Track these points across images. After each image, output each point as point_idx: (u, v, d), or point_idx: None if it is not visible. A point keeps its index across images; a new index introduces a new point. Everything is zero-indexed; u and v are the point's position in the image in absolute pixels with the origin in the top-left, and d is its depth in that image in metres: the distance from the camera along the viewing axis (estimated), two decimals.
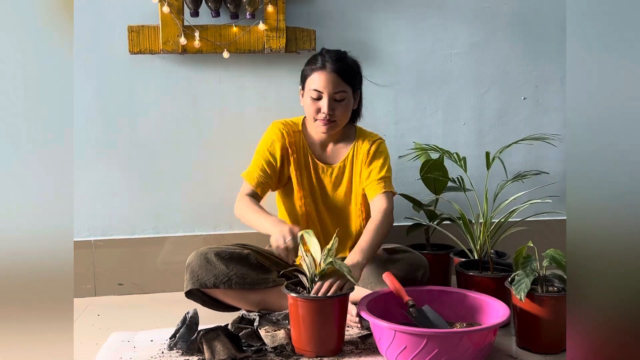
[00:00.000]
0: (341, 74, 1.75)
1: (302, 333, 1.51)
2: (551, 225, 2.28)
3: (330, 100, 1.75)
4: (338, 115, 1.78)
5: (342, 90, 1.76)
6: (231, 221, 2.20)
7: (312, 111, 1.78)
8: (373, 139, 1.89)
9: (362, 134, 1.91)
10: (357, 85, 1.84)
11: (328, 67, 1.75)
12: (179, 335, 1.56)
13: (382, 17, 2.19)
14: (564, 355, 1.54)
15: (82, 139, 2.09)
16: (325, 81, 1.74)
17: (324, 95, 1.75)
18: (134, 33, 2.04)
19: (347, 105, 1.79)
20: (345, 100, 1.78)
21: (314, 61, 1.78)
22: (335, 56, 1.77)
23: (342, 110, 1.78)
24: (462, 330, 1.45)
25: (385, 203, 1.79)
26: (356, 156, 1.88)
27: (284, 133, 1.86)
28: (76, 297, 2.10)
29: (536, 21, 2.27)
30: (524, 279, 1.52)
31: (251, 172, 1.86)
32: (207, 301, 1.80)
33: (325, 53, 1.79)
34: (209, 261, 1.76)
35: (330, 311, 1.51)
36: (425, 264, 1.75)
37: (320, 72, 1.75)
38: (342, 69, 1.75)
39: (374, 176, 1.83)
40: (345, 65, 1.77)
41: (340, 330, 1.54)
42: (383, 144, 1.90)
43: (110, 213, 2.15)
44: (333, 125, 1.79)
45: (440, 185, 2.06)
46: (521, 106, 2.31)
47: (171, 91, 2.13)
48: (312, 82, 1.77)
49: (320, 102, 1.76)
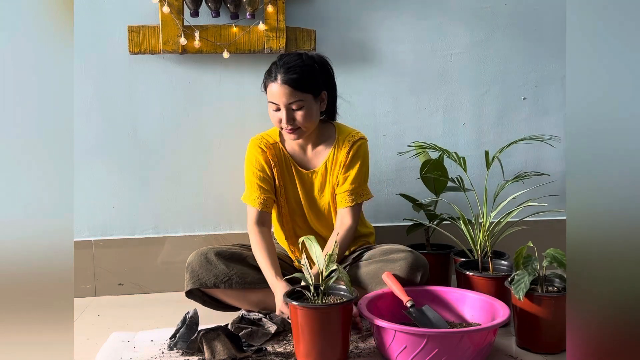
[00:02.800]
0: (293, 84, 1.68)
1: (305, 343, 1.47)
2: (551, 225, 2.28)
3: (288, 110, 1.70)
4: (301, 122, 1.72)
5: (297, 99, 1.69)
6: (231, 221, 2.20)
7: (276, 121, 1.74)
8: (353, 140, 1.82)
9: (342, 133, 1.84)
10: (319, 89, 1.75)
11: (279, 78, 1.68)
12: (179, 335, 1.56)
13: (382, 17, 2.19)
14: (564, 355, 1.54)
15: (82, 139, 2.09)
16: (278, 94, 1.69)
17: (280, 106, 1.70)
18: (134, 33, 2.04)
19: (307, 111, 1.71)
20: (304, 107, 1.71)
21: (269, 71, 1.73)
22: (286, 65, 1.69)
23: (303, 117, 1.71)
24: (462, 330, 1.45)
25: (349, 219, 1.79)
26: (335, 159, 1.82)
27: (263, 148, 1.83)
28: (76, 297, 2.10)
29: (536, 21, 2.27)
30: (523, 278, 1.52)
31: (250, 194, 1.83)
32: (208, 301, 1.80)
33: (279, 61, 1.72)
34: (209, 261, 1.76)
35: (333, 320, 1.46)
36: (425, 264, 1.75)
37: (272, 83, 1.70)
38: (293, 79, 1.68)
39: (346, 186, 1.80)
40: (297, 74, 1.68)
41: (344, 340, 1.50)
42: (364, 145, 1.83)
43: (110, 213, 2.15)
44: (299, 132, 1.75)
45: (440, 185, 2.06)
46: (521, 106, 2.31)
47: (171, 91, 2.13)
48: (269, 94, 1.72)
49: (279, 113, 1.71)
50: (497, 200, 1.87)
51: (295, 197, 1.87)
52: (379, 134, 2.23)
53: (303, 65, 1.71)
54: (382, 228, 2.24)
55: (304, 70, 1.71)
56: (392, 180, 2.27)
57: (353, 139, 1.82)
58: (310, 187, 1.86)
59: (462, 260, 1.91)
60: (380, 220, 2.27)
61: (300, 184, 1.86)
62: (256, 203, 1.81)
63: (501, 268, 1.84)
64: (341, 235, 1.76)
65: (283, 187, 1.86)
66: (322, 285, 1.50)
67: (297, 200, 1.87)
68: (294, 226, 1.91)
